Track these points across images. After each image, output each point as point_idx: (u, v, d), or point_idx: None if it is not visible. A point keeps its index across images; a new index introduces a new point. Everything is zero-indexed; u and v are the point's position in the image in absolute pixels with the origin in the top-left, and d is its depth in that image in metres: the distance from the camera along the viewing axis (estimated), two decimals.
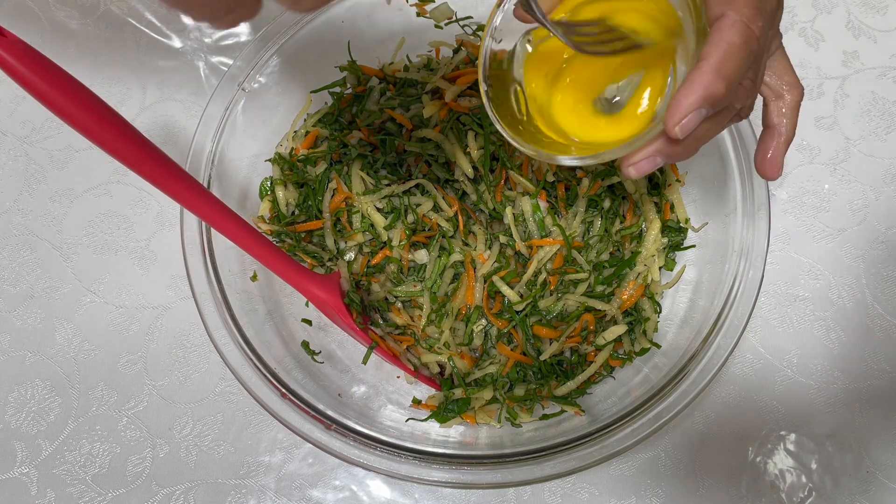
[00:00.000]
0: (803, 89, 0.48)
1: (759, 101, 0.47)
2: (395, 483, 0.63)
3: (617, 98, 0.45)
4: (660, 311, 0.64)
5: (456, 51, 0.67)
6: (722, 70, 0.37)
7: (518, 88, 0.47)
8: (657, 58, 0.43)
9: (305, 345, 0.63)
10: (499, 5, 0.44)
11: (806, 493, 0.62)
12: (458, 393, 0.61)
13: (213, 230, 0.57)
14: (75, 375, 0.66)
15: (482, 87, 0.45)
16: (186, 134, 0.72)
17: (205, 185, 0.60)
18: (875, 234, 0.68)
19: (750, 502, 0.62)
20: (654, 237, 0.62)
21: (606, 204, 0.63)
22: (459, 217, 0.62)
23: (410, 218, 0.62)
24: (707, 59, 0.37)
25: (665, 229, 0.64)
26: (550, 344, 0.60)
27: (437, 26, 0.65)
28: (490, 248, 0.62)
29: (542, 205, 0.61)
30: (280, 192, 0.66)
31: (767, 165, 0.49)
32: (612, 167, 0.63)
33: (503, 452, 0.56)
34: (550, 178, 0.62)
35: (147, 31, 0.75)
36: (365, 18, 0.66)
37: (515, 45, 0.46)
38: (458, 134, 0.61)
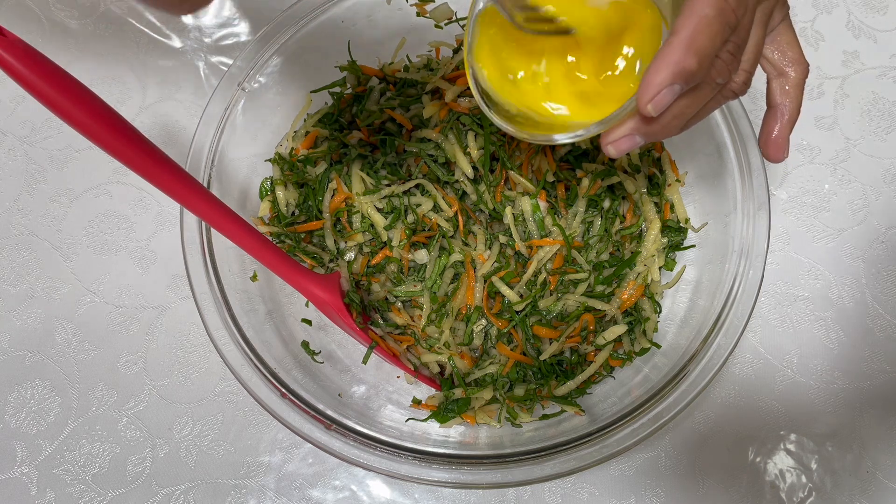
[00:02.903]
0: (808, 65, 0.45)
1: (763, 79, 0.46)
2: (395, 483, 0.63)
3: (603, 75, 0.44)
4: (660, 311, 0.64)
5: (456, 51, 0.67)
6: (693, 44, 0.36)
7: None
8: (643, 31, 0.43)
9: (305, 345, 0.63)
10: None
11: (806, 493, 0.62)
12: (458, 393, 0.61)
13: (213, 230, 0.57)
14: (75, 375, 0.66)
15: (468, 70, 0.45)
16: (186, 134, 0.72)
17: (205, 185, 0.60)
18: (875, 234, 0.68)
19: (750, 502, 0.62)
20: (654, 237, 0.62)
21: (606, 204, 0.63)
22: (459, 217, 0.62)
23: (410, 218, 0.62)
24: (678, 34, 0.36)
25: (665, 229, 0.64)
26: (550, 344, 0.60)
27: (437, 26, 0.65)
28: (490, 248, 0.62)
29: (542, 205, 0.61)
30: (280, 193, 0.66)
31: (772, 147, 0.47)
32: (612, 167, 0.63)
33: (503, 452, 0.56)
34: (550, 178, 0.62)
35: (147, 30, 0.75)
36: (365, 18, 0.66)
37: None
38: (457, 134, 0.61)
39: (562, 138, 0.43)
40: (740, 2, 0.37)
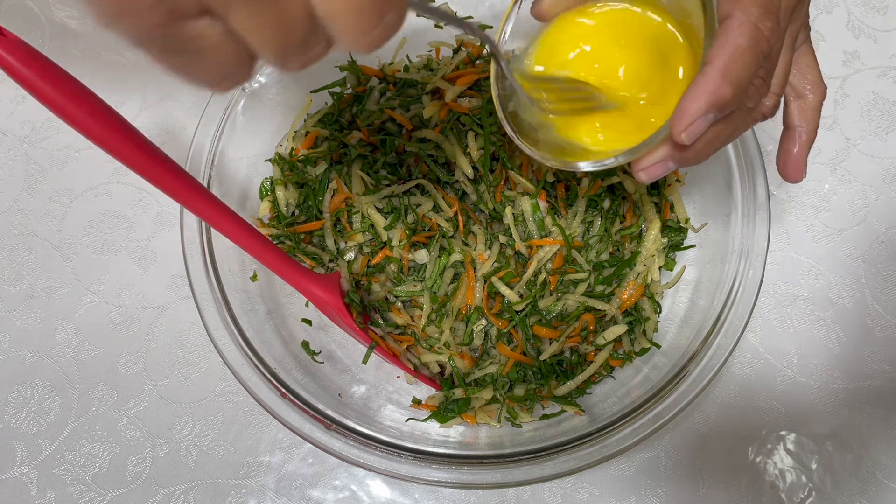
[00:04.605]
0: (826, 88, 0.46)
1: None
2: (395, 483, 0.63)
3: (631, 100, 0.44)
4: (660, 311, 0.64)
5: (456, 51, 0.67)
6: (728, 74, 0.36)
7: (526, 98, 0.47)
8: (672, 58, 0.43)
9: (305, 345, 0.63)
10: (513, 6, 0.44)
11: (806, 493, 0.62)
12: (458, 393, 0.61)
13: (213, 230, 0.57)
14: (75, 375, 0.66)
15: (494, 93, 0.45)
16: (186, 134, 0.72)
17: (205, 185, 0.60)
18: (875, 234, 0.68)
19: (750, 502, 0.62)
20: (653, 237, 0.62)
21: (606, 204, 0.63)
22: (459, 217, 0.62)
23: (410, 218, 0.62)
24: (713, 63, 0.36)
25: (665, 229, 0.64)
26: (550, 344, 0.60)
27: (437, 26, 0.65)
28: (490, 248, 0.62)
29: (542, 205, 0.61)
30: (280, 193, 0.66)
31: (790, 168, 0.47)
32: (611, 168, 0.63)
33: (503, 452, 0.56)
34: (550, 179, 0.62)
35: None
36: None
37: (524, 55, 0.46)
38: (457, 134, 0.61)
39: (588, 166, 0.43)
40: (774, 30, 0.37)
